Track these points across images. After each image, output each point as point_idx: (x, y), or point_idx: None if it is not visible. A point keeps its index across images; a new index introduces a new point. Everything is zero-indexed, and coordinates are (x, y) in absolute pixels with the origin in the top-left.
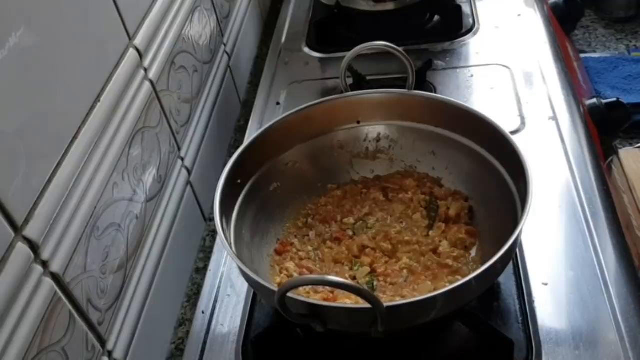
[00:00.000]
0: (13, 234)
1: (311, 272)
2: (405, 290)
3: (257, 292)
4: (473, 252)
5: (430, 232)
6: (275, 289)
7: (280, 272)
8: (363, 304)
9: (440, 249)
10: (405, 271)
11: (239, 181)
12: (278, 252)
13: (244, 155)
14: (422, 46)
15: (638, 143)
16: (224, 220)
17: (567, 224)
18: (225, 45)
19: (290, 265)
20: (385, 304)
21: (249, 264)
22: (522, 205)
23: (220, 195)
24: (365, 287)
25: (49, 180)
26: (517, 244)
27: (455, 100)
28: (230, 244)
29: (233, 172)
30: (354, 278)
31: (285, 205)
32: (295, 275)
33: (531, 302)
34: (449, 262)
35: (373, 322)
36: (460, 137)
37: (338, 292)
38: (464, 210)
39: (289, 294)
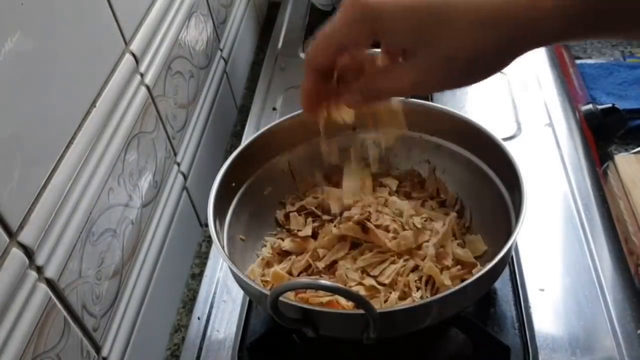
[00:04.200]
0: (8, 240)
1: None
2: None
3: (249, 295)
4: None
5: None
6: (267, 292)
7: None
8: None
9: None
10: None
11: (234, 184)
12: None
13: (239, 159)
14: None
15: (634, 149)
16: (217, 222)
17: (564, 230)
18: (221, 50)
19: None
20: (378, 310)
21: (241, 267)
22: (516, 216)
23: (215, 197)
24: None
25: (44, 186)
26: (509, 255)
27: (451, 109)
28: (223, 246)
29: (228, 175)
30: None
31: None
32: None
33: (527, 308)
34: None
35: (365, 328)
36: (455, 146)
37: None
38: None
39: (281, 298)
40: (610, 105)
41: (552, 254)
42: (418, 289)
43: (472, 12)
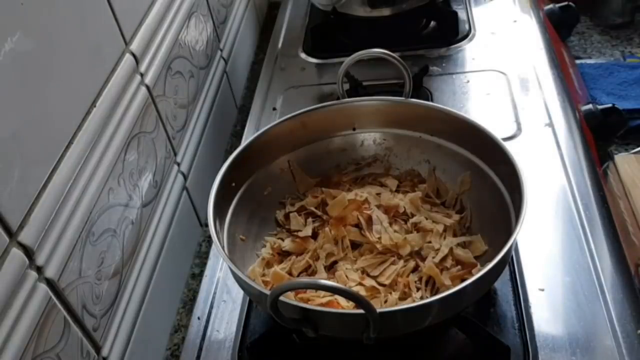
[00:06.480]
0: (8, 240)
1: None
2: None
3: (249, 295)
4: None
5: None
6: (267, 292)
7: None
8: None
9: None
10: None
11: (234, 184)
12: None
13: (239, 159)
14: (419, 52)
15: (634, 149)
16: (217, 222)
17: (564, 230)
18: (221, 50)
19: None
20: (378, 310)
21: (241, 267)
22: (516, 216)
23: (215, 197)
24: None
25: (44, 186)
26: (509, 255)
27: (451, 109)
28: (223, 246)
29: (228, 175)
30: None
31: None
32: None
33: (527, 307)
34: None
35: (365, 328)
36: (455, 145)
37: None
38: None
39: (281, 298)
40: (610, 105)
41: (552, 254)
42: (418, 289)
43: None
